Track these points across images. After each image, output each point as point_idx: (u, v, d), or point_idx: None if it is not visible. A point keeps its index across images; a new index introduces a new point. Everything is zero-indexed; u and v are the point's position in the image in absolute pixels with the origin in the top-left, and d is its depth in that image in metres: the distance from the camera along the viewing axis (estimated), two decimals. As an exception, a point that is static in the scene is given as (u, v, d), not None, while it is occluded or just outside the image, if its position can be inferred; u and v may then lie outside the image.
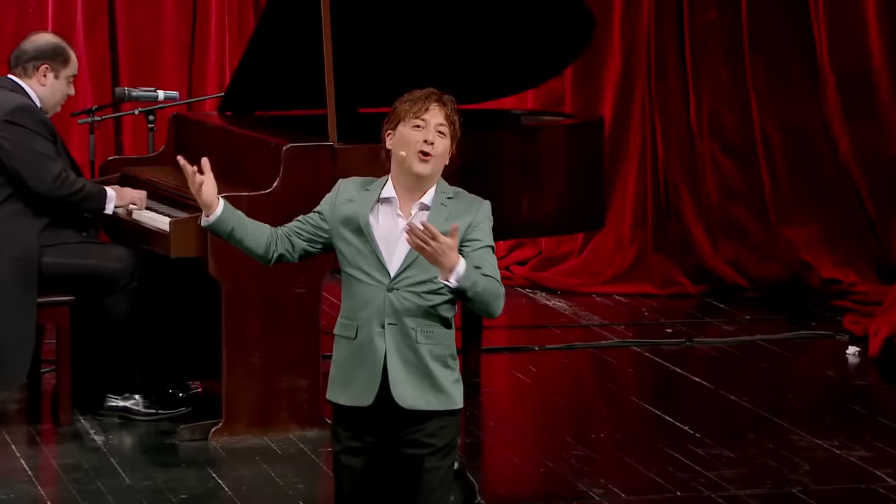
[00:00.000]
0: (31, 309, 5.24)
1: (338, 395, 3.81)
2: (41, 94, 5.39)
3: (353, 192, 3.82)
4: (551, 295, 7.53)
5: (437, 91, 3.81)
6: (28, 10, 7.61)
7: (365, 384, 3.75)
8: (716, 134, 7.65)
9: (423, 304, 3.73)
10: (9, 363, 5.24)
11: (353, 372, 3.77)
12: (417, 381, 3.74)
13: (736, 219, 7.63)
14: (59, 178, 5.24)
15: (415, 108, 3.77)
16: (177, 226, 5.15)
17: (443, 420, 3.76)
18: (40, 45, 5.41)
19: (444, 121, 3.77)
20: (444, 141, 3.77)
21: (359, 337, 3.75)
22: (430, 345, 3.75)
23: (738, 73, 7.59)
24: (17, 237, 5.25)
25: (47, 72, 5.38)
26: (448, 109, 3.79)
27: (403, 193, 3.78)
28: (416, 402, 3.73)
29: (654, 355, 6.46)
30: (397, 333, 3.73)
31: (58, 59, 5.40)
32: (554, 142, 5.82)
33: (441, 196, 3.80)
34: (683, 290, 7.52)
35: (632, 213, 7.68)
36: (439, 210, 3.77)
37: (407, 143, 3.75)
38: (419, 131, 3.74)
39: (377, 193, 3.80)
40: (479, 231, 3.78)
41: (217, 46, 7.65)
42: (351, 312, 3.78)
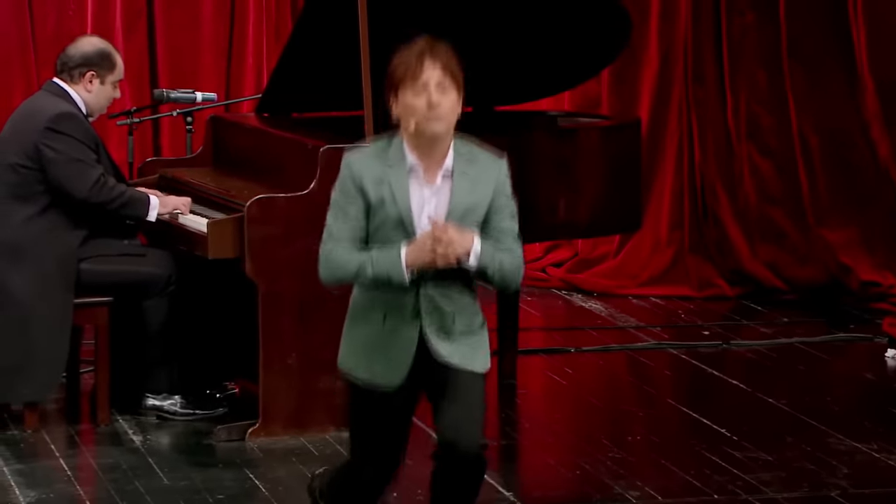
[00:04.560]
0: (67, 322, 5.24)
1: (355, 369, 3.76)
2: (87, 100, 5.38)
3: (377, 168, 3.69)
4: (587, 297, 7.52)
5: (427, 42, 3.67)
6: (68, 13, 7.66)
7: (393, 368, 3.71)
8: (753, 136, 7.62)
9: (457, 287, 3.69)
10: (39, 375, 5.25)
11: (379, 355, 3.72)
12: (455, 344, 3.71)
13: (774, 221, 7.60)
14: (97, 183, 5.24)
15: (410, 73, 3.63)
16: (214, 227, 5.17)
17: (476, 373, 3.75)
18: (87, 51, 5.39)
19: (442, 74, 3.64)
20: (450, 95, 3.64)
21: (388, 323, 3.71)
22: (467, 325, 3.73)
23: (775, 76, 7.56)
24: (57, 248, 5.24)
25: (93, 78, 5.37)
26: (442, 61, 3.65)
27: (423, 158, 3.68)
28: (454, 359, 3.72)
29: (690, 358, 6.44)
30: (435, 318, 3.69)
31: (104, 65, 5.39)
32: (590, 143, 5.81)
33: (461, 161, 3.70)
34: (720, 293, 7.50)
35: (669, 215, 7.66)
36: (462, 180, 3.68)
37: (413, 112, 3.63)
38: (420, 97, 3.63)
39: (402, 166, 3.68)
40: (504, 195, 3.72)
41: (255, 48, 7.68)
42: (376, 296, 3.71)
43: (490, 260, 3.67)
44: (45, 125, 5.25)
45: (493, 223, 3.72)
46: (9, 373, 5.24)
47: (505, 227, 3.73)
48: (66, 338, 5.27)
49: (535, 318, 7.13)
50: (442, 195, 3.69)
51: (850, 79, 7.46)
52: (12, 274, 5.22)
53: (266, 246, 5.15)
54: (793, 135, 7.53)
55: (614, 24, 5.91)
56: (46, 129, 5.25)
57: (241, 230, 5.13)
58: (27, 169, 5.25)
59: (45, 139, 5.24)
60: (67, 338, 5.28)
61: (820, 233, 7.48)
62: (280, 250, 5.16)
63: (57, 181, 5.24)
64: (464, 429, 3.68)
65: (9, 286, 5.22)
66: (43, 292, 5.22)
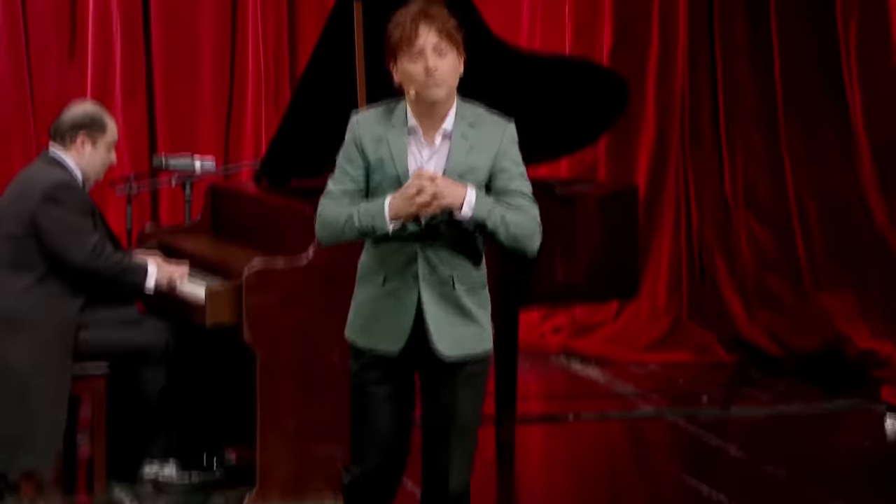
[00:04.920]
0: (65, 391, 5.22)
1: (358, 336, 3.73)
2: (81, 165, 5.36)
3: (378, 128, 3.68)
4: (586, 363, 7.50)
5: (422, 7, 3.64)
6: (67, 81, 7.70)
7: (393, 333, 3.67)
8: (751, 202, 7.64)
9: (457, 248, 3.65)
10: (37, 445, 5.21)
11: (379, 319, 3.69)
12: (456, 329, 3.67)
13: (772, 288, 7.60)
14: (94, 251, 5.22)
15: (405, 38, 3.61)
16: (212, 294, 5.16)
17: (477, 365, 3.71)
18: (76, 115, 5.39)
19: (438, 37, 3.61)
20: (448, 57, 3.62)
21: (387, 285, 3.67)
22: (468, 286, 3.69)
23: (772, 142, 7.59)
24: (56, 317, 5.22)
25: (85, 141, 5.33)
26: (438, 23, 3.62)
27: (424, 120, 3.66)
28: (456, 352, 3.67)
29: (690, 425, 6.42)
30: (434, 282, 3.66)
31: (94, 127, 5.36)
32: (588, 210, 5.83)
33: (461, 124, 3.67)
34: (719, 359, 7.49)
35: (666, 281, 7.66)
36: (460, 142, 3.65)
37: (411, 79, 3.62)
38: (418, 62, 3.61)
39: (404, 127, 3.67)
40: (508, 158, 3.69)
41: (254, 115, 7.72)
42: (379, 257, 3.68)
43: (488, 213, 3.60)
44: (41, 194, 5.24)
45: (498, 184, 3.67)
46: (7, 443, 5.21)
47: (512, 188, 3.68)
48: (63, 407, 5.24)
49: (533, 384, 7.11)
50: (440, 156, 3.67)
51: (846, 143, 7.49)
52: (10, 344, 5.20)
53: (264, 313, 5.14)
54: (790, 200, 7.55)
55: (611, 91, 5.94)
56: (42, 198, 5.24)
57: (240, 297, 5.13)
58: (24, 239, 5.24)
59: (42, 208, 5.23)
60: (65, 407, 5.25)
61: (818, 300, 7.49)
62: (278, 317, 5.15)
63: (54, 249, 5.23)
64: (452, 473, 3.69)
65: (7, 356, 5.20)
66: (41, 362, 5.20)
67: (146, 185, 6.55)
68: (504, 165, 3.69)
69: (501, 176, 3.68)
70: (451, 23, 3.65)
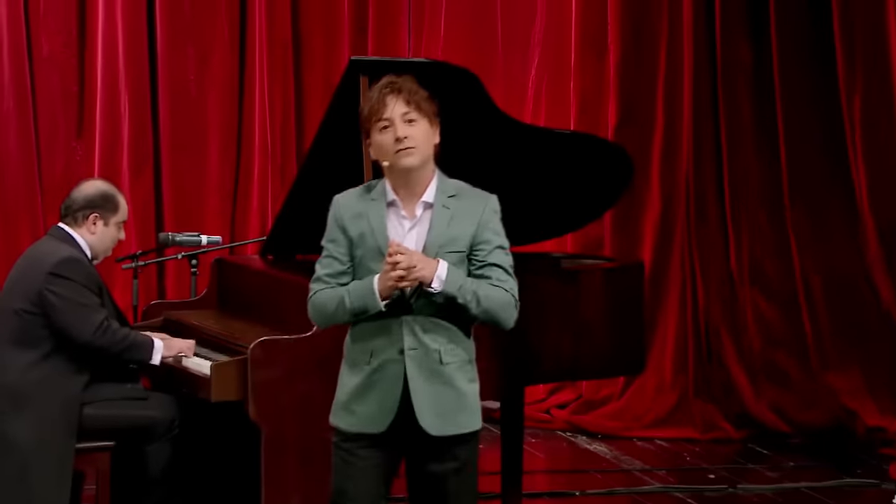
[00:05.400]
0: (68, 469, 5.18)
1: (343, 419, 3.72)
2: (91, 242, 5.37)
3: (358, 205, 3.71)
4: (592, 439, 7.47)
5: (390, 80, 3.67)
6: (76, 158, 7.74)
7: (378, 412, 3.65)
8: (757, 279, 7.64)
9: (442, 321, 3.64)
10: None
11: (365, 399, 3.67)
12: (445, 405, 3.64)
13: (778, 365, 7.59)
14: (100, 328, 5.22)
15: (374, 111, 3.64)
16: (217, 369, 5.15)
17: (465, 441, 3.68)
18: (89, 194, 5.40)
19: (407, 107, 3.63)
20: (419, 125, 3.64)
21: (373, 363, 3.66)
22: (456, 362, 3.67)
23: (777, 219, 7.61)
24: (60, 393, 5.20)
25: (97, 220, 5.36)
26: (406, 94, 3.65)
27: (403, 193, 3.68)
28: (445, 429, 3.64)
29: (696, 502, 6.37)
30: (420, 357, 3.64)
31: (107, 207, 5.39)
32: (594, 285, 5.82)
33: (442, 196, 3.69)
34: (726, 436, 7.45)
35: (672, 357, 7.65)
36: (442, 213, 3.67)
37: (383, 150, 3.65)
38: (388, 132, 3.63)
39: (383, 199, 3.68)
40: (489, 230, 3.70)
41: (260, 191, 7.75)
42: (364, 336, 3.68)
43: (459, 288, 3.61)
44: (48, 270, 5.24)
45: (479, 257, 3.69)
46: (8, 521, 5.18)
47: (491, 261, 3.70)
48: (66, 485, 5.21)
49: (539, 460, 7.07)
50: (421, 227, 3.69)
51: (851, 221, 7.50)
52: (14, 420, 5.18)
53: (270, 388, 5.13)
54: (796, 277, 7.56)
55: (616, 167, 5.96)
56: (49, 275, 5.24)
57: (245, 373, 5.12)
58: (30, 314, 5.24)
59: (49, 284, 5.23)
60: (68, 485, 5.22)
61: (824, 377, 7.46)
62: (284, 392, 5.14)
63: (60, 326, 5.22)
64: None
65: (10, 432, 5.17)
66: (44, 439, 5.18)
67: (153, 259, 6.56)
68: (486, 237, 3.71)
69: (482, 248, 3.70)
70: (421, 93, 3.69)
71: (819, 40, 7.52)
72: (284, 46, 7.89)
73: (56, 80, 7.71)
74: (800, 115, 7.54)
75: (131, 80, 7.68)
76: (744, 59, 7.62)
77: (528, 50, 7.99)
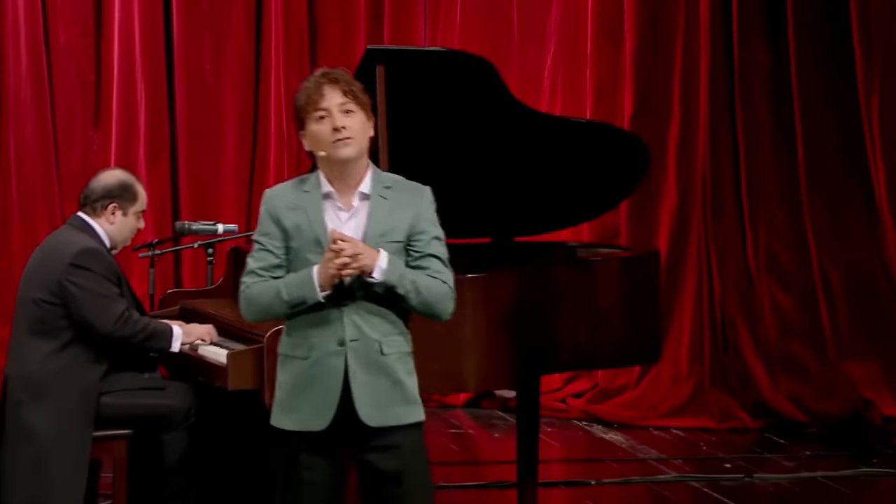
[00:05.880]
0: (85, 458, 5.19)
1: (284, 419, 3.67)
2: (109, 232, 5.38)
3: (292, 196, 3.67)
4: (608, 428, 7.47)
5: (325, 71, 3.67)
6: (92, 147, 7.76)
7: (319, 407, 3.61)
8: (773, 271, 7.63)
9: (382, 312, 3.62)
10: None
11: (305, 395, 3.62)
12: (384, 396, 3.61)
13: (795, 355, 7.58)
14: (120, 318, 5.23)
15: (311, 101, 3.63)
16: (234, 358, 5.16)
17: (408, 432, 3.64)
18: (108, 184, 5.40)
19: (344, 97, 3.61)
20: (356, 116, 3.62)
21: (312, 357, 3.61)
22: (396, 354, 3.64)
23: (794, 212, 7.59)
24: (79, 383, 5.21)
25: (115, 210, 5.36)
26: (343, 85, 3.63)
27: (339, 185, 3.65)
28: (385, 419, 3.60)
29: (713, 491, 6.37)
30: (360, 349, 3.60)
31: (125, 197, 5.38)
32: (609, 274, 5.81)
33: (379, 187, 3.67)
34: (742, 425, 7.45)
35: (688, 346, 7.64)
36: (380, 203, 3.65)
37: (320, 140, 3.62)
38: (325, 122, 3.61)
39: (318, 191, 3.65)
40: (426, 220, 3.69)
41: (275, 180, 7.75)
42: (303, 330, 3.64)
43: (399, 278, 3.59)
44: (68, 261, 5.24)
45: (416, 247, 3.68)
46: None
47: (429, 252, 3.69)
48: (83, 474, 5.22)
49: (555, 449, 7.08)
50: (359, 217, 3.67)
51: (869, 214, 7.49)
52: (32, 409, 5.19)
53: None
54: (813, 270, 7.54)
55: (633, 157, 5.95)
56: (69, 266, 5.24)
57: (261, 361, 5.13)
58: (50, 304, 5.25)
59: (69, 275, 5.24)
60: (85, 474, 5.23)
61: (841, 367, 7.45)
62: (299, 381, 5.14)
63: (81, 317, 5.22)
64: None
65: (29, 422, 5.19)
66: (63, 429, 5.19)
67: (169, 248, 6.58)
68: (423, 227, 3.70)
69: (420, 238, 3.69)
70: (357, 85, 3.68)
71: (837, 41, 7.50)
72: (300, 35, 7.90)
73: (73, 70, 7.73)
74: (817, 116, 7.53)
75: (148, 69, 7.70)
76: (761, 59, 7.61)
77: (544, 38, 7.98)
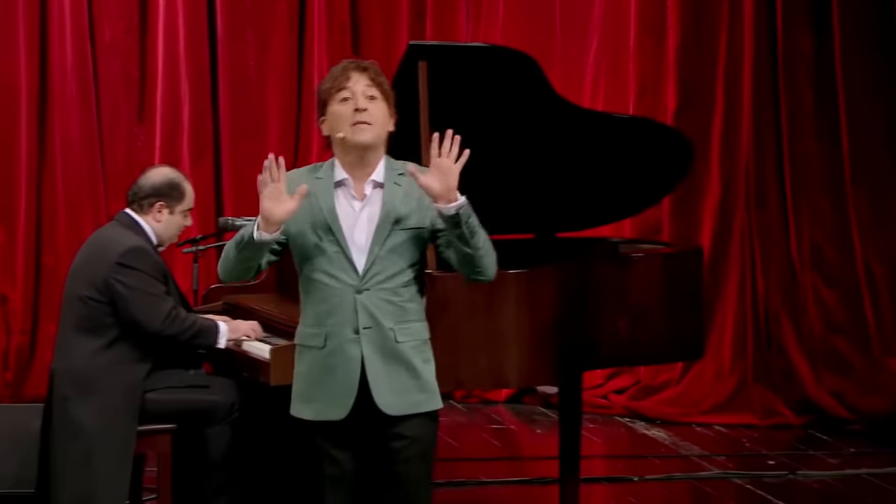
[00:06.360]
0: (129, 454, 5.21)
1: (303, 410, 3.66)
2: (157, 230, 5.40)
3: (305, 181, 3.64)
4: (650, 424, 7.45)
5: (354, 59, 3.67)
6: (137, 143, 7.80)
7: (337, 396, 3.60)
8: (817, 266, 7.59)
9: (396, 300, 3.60)
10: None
11: (323, 384, 3.61)
12: (401, 384, 3.60)
13: (839, 351, 7.54)
14: (168, 316, 5.24)
15: (336, 83, 3.60)
16: (277, 353, 5.17)
17: (425, 421, 3.63)
18: (155, 182, 5.41)
19: (370, 83, 3.60)
20: (378, 104, 3.60)
21: (328, 346, 3.61)
22: (411, 341, 3.62)
23: (839, 205, 7.55)
24: (124, 380, 5.23)
25: (162, 208, 5.38)
26: (371, 73, 3.62)
27: (353, 172, 3.63)
28: (403, 408, 3.59)
29: (756, 488, 6.35)
30: (375, 337, 3.59)
31: (173, 195, 5.40)
32: (652, 271, 5.80)
33: (392, 174, 3.65)
34: (785, 421, 7.42)
35: (732, 342, 7.61)
36: (394, 189, 3.63)
37: (340, 119, 3.59)
38: (348, 103, 3.58)
39: (331, 178, 3.63)
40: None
41: (319, 177, 7.77)
42: (317, 319, 3.63)
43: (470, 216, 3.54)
44: (115, 260, 5.25)
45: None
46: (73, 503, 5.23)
47: None
48: (128, 468, 5.26)
49: (597, 445, 7.07)
50: (373, 206, 3.65)
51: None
52: (79, 405, 5.22)
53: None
54: (857, 264, 7.50)
55: (676, 152, 5.94)
56: (116, 265, 5.25)
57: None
58: (96, 302, 5.27)
59: (116, 274, 5.25)
60: (129, 468, 5.26)
61: (886, 362, 7.41)
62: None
63: (129, 316, 5.24)
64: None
65: (76, 417, 5.22)
66: (108, 425, 5.22)
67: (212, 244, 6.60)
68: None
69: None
70: (384, 78, 3.67)
71: (882, 28, 7.45)
72: (343, 31, 7.91)
73: (117, 66, 7.77)
74: (862, 105, 7.48)
75: (192, 66, 7.73)
76: (805, 49, 7.57)
77: (586, 33, 7.96)
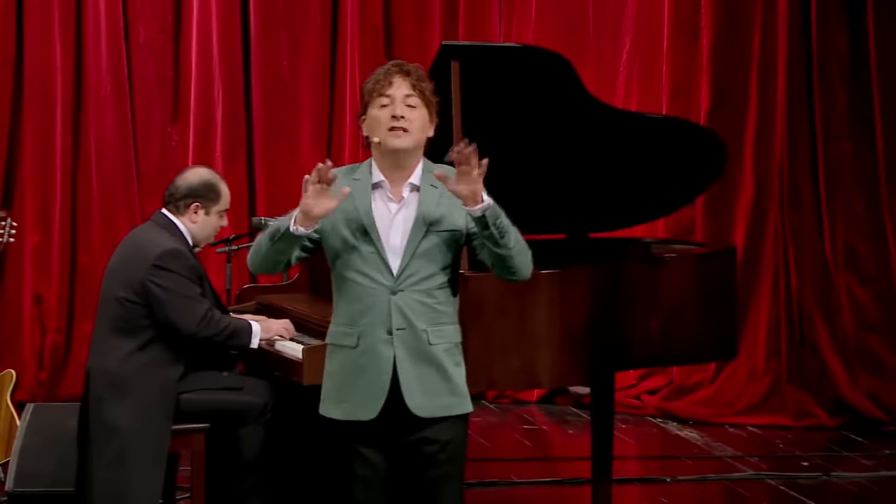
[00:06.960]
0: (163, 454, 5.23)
1: (333, 409, 3.66)
2: (192, 230, 5.41)
3: (343, 181, 3.65)
4: (683, 425, 7.44)
5: (399, 62, 3.67)
6: (171, 144, 7.84)
7: (368, 397, 3.60)
8: (851, 265, 7.56)
9: (430, 301, 3.60)
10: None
11: (354, 384, 3.62)
12: (433, 386, 3.60)
13: (873, 351, 7.50)
14: (204, 319, 5.25)
15: (378, 87, 3.61)
16: (309, 353, 5.18)
17: (456, 424, 3.63)
18: (192, 183, 5.41)
19: (411, 90, 3.61)
20: (418, 111, 3.61)
21: (361, 345, 3.61)
22: (443, 344, 3.62)
23: (873, 204, 7.51)
24: (158, 381, 5.25)
25: (198, 209, 5.39)
26: (413, 78, 3.62)
27: (391, 174, 3.64)
28: (433, 410, 3.59)
29: (789, 489, 6.33)
30: (408, 338, 3.59)
31: (209, 196, 5.40)
32: (685, 270, 5.79)
33: (429, 177, 3.65)
34: (819, 423, 7.39)
35: (765, 343, 7.59)
36: (430, 192, 3.64)
37: (377, 124, 3.60)
38: (386, 109, 3.59)
39: (369, 180, 3.65)
40: None
41: (351, 177, 7.79)
42: (350, 319, 3.64)
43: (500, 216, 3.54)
44: (151, 262, 5.26)
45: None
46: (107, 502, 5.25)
47: None
48: (162, 468, 5.27)
49: (629, 446, 7.06)
50: (409, 209, 3.66)
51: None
52: (114, 405, 5.24)
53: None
54: (891, 263, 7.46)
55: (709, 153, 5.92)
56: (153, 266, 5.26)
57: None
58: (132, 303, 5.29)
59: (152, 276, 5.26)
60: (163, 468, 5.28)
61: (921, 363, 7.38)
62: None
63: (165, 318, 5.25)
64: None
65: (111, 418, 5.24)
66: (143, 425, 5.23)
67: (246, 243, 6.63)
68: None
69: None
70: (427, 84, 3.67)
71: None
72: (376, 31, 7.93)
73: (152, 67, 7.81)
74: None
75: (225, 66, 7.76)
76: (840, 48, 7.53)
77: (619, 34, 7.95)
